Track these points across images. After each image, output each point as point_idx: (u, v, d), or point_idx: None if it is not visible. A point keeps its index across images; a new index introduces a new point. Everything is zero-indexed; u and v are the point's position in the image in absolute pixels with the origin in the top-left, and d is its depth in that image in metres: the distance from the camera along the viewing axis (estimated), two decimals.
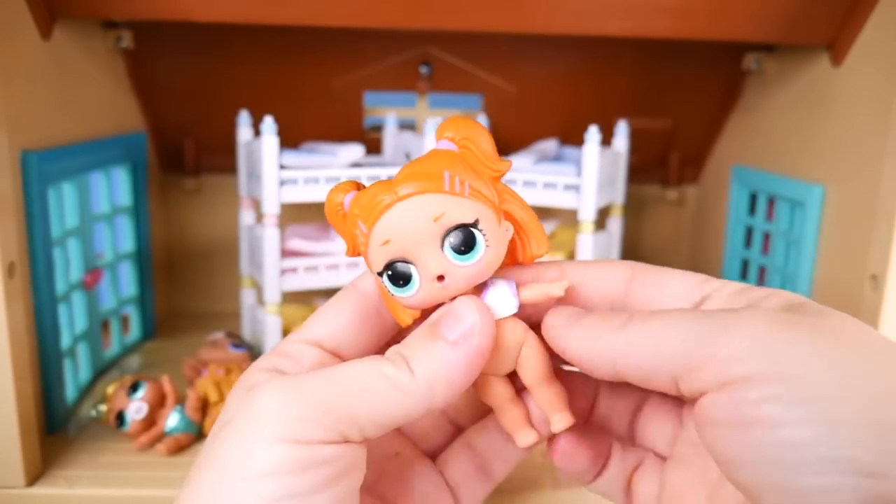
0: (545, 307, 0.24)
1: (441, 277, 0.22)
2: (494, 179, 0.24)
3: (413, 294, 0.23)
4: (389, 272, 0.23)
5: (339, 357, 0.25)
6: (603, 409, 0.28)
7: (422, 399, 0.22)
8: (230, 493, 0.20)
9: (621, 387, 0.27)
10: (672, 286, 0.24)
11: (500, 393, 0.25)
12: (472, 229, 0.22)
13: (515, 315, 0.24)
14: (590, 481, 0.28)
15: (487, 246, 0.23)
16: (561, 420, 0.25)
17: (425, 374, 0.22)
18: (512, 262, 0.25)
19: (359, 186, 0.24)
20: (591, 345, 0.22)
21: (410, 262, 0.22)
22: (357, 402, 0.21)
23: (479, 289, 0.24)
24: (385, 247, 0.22)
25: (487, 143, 0.24)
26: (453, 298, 0.23)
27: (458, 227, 0.22)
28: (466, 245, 0.22)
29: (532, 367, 0.24)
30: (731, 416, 0.19)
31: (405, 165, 0.23)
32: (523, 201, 0.25)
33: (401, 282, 0.23)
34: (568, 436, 0.26)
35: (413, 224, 0.22)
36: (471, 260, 0.22)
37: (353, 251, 0.24)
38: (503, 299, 0.24)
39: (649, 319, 0.22)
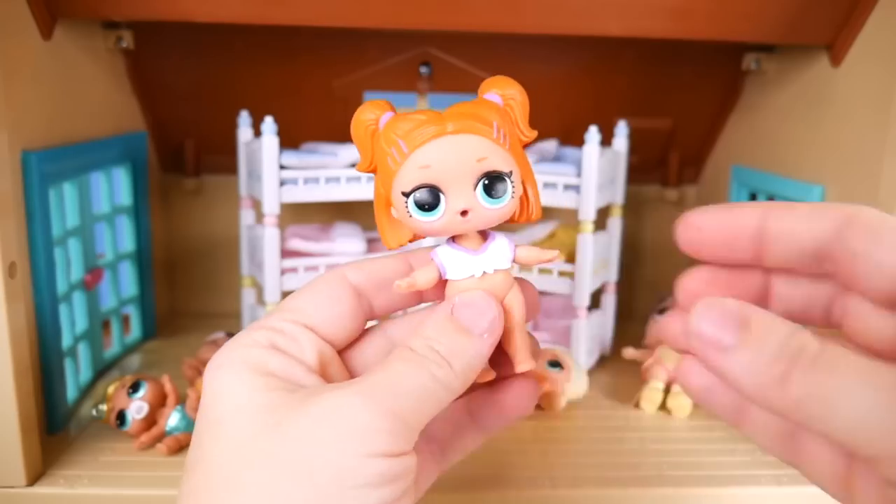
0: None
1: (465, 212, 0.24)
2: (521, 143, 0.26)
3: (436, 220, 0.24)
4: (417, 194, 0.24)
5: (332, 345, 0.25)
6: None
7: (459, 390, 0.23)
8: (327, 499, 0.21)
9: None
10: (888, 249, 0.20)
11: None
12: (506, 178, 0.24)
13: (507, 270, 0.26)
14: (732, 422, 0.25)
15: (511, 197, 0.25)
16: (526, 363, 0.27)
17: (462, 369, 0.23)
18: (510, 220, 0.27)
19: (392, 108, 0.25)
20: (750, 387, 0.20)
21: (441, 191, 0.24)
22: (422, 408, 0.23)
23: (483, 235, 0.26)
24: (423, 170, 0.24)
25: (525, 110, 0.26)
26: (450, 239, 0.26)
27: (495, 173, 0.24)
28: (497, 190, 0.24)
29: (513, 313, 0.26)
30: None
31: (454, 105, 0.24)
32: (533, 172, 0.27)
33: (425, 206, 0.24)
34: (690, 360, 0.24)
35: (458, 158, 0.24)
36: (497, 205, 0.24)
37: (369, 166, 0.25)
38: (502, 253, 0.26)
39: (821, 383, 0.19)
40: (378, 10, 0.46)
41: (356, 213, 0.64)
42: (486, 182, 0.24)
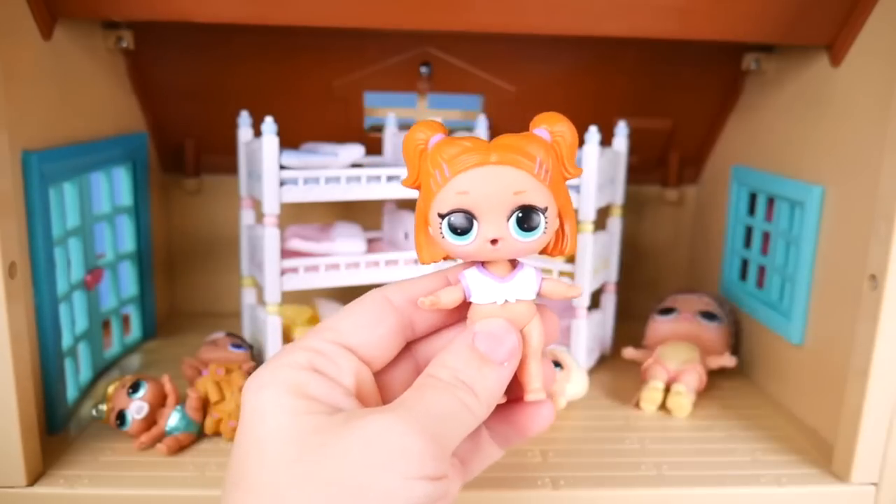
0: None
1: (495, 241, 0.25)
2: (564, 180, 0.26)
3: (466, 244, 0.25)
4: (452, 217, 0.25)
5: (369, 366, 0.26)
6: None
7: (484, 416, 0.25)
8: None
9: None
10: None
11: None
12: (541, 214, 0.25)
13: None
14: None
15: (544, 232, 0.25)
16: (537, 394, 0.27)
17: (486, 396, 0.25)
18: (542, 251, 0.27)
19: (444, 130, 0.26)
20: None
21: (475, 218, 0.25)
22: (454, 433, 0.24)
23: (513, 263, 0.26)
24: (461, 196, 0.24)
25: (573, 148, 0.26)
26: (477, 263, 0.26)
27: (530, 207, 0.25)
28: (530, 224, 0.25)
29: (530, 343, 0.27)
30: None
31: (503, 135, 0.25)
32: (573, 210, 0.27)
33: (458, 230, 0.25)
34: None
35: (496, 188, 0.24)
36: (528, 238, 0.25)
37: (414, 183, 0.26)
38: (528, 283, 0.26)
39: None
40: (378, 10, 0.46)
41: (356, 213, 0.64)
42: (520, 215, 0.25)
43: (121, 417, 0.43)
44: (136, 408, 0.43)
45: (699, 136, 0.67)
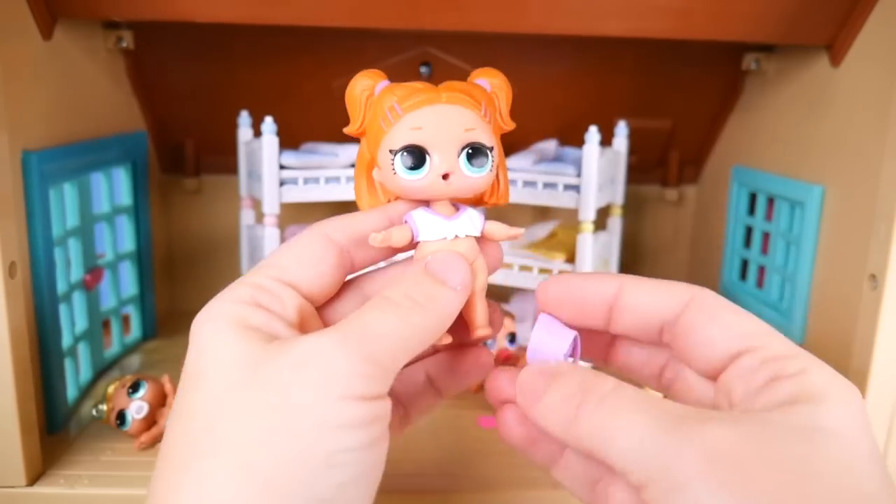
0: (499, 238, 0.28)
1: (446, 176, 0.26)
2: (500, 130, 0.28)
3: (419, 178, 0.26)
4: (405, 153, 0.26)
5: (311, 302, 0.26)
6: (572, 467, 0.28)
7: (430, 338, 0.25)
8: (307, 442, 0.21)
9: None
10: (720, 328, 0.24)
11: None
12: (488, 152, 0.26)
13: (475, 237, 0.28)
14: (546, 467, 0.28)
15: (490, 170, 0.27)
16: (483, 329, 0.28)
17: (437, 315, 0.25)
18: (476, 201, 0.29)
19: (386, 78, 0.27)
20: (553, 425, 0.24)
21: (427, 153, 0.26)
22: (396, 353, 0.23)
23: (455, 207, 0.28)
24: (414, 131, 0.26)
25: (509, 100, 0.28)
26: (423, 203, 0.27)
27: (479, 144, 0.26)
28: (479, 161, 0.26)
29: (476, 280, 0.27)
30: None
31: (448, 81, 0.27)
32: (505, 161, 0.29)
33: (411, 165, 0.26)
34: (512, 410, 0.27)
35: (449, 124, 0.26)
36: (476, 174, 0.26)
37: (358, 129, 0.27)
38: (472, 222, 0.27)
39: (606, 417, 0.22)
40: (378, 10, 0.46)
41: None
42: (470, 151, 0.26)
43: (121, 417, 0.43)
44: (136, 408, 0.43)
45: (699, 136, 0.67)
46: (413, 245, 0.27)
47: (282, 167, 0.50)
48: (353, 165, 0.53)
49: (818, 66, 0.51)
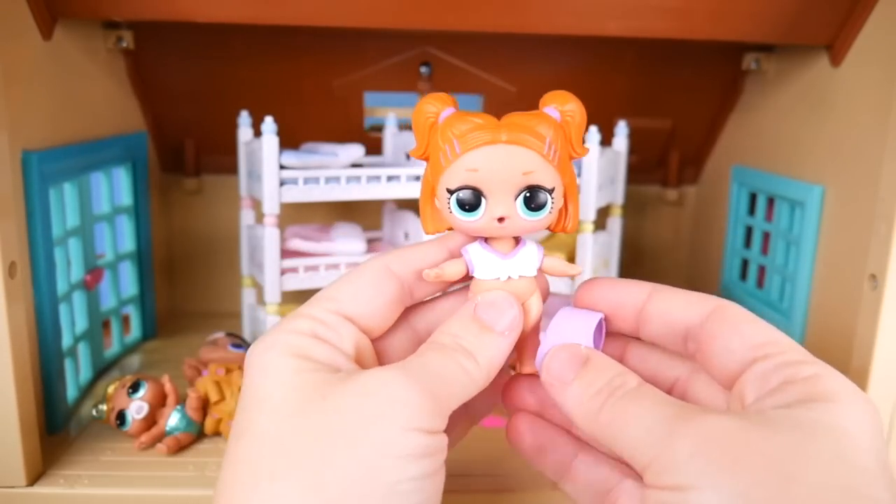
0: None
1: (502, 219, 0.25)
2: (571, 159, 0.27)
3: (473, 220, 0.25)
4: (461, 193, 0.25)
5: (368, 335, 0.26)
6: (582, 471, 0.29)
7: (483, 384, 0.25)
8: (373, 468, 0.21)
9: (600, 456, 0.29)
10: (740, 337, 0.24)
11: None
12: (548, 194, 0.25)
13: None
14: (555, 478, 0.29)
15: (550, 212, 0.26)
16: (529, 368, 0.28)
17: (486, 363, 0.25)
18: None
19: (455, 103, 0.26)
20: (577, 415, 0.25)
21: (483, 195, 0.25)
22: (453, 393, 0.24)
23: (516, 240, 0.27)
24: (470, 173, 0.25)
25: (582, 128, 0.27)
26: (483, 239, 0.27)
27: (538, 187, 0.25)
28: (537, 204, 0.25)
29: (528, 318, 0.27)
30: None
31: (512, 113, 0.26)
32: (576, 188, 0.28)
33: (466, 207, 0.25)
34: (524, 417, 0.29)
35: (505, 167, 0.25)
36: (534, 218, 0.26)
37: (424, 155, 0.27)
38: (530, 260, 0.27)
39: (624, 410, 0.23)
40: (378, 10, 0.46)
41: (356, 213, 0.64)
42: (528, 195, 0.25)
43: (121, 417, 0.43)
44: (136, 408, 0.43)
45: (699, 136, 0.67)
46: (469, 277, 0.27)
47: (282, 167, 0.50)
48: (352, 165, 0.53)
49: (818, 66, 0.51)
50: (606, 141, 0.54)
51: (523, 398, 0.29)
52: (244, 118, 0.56)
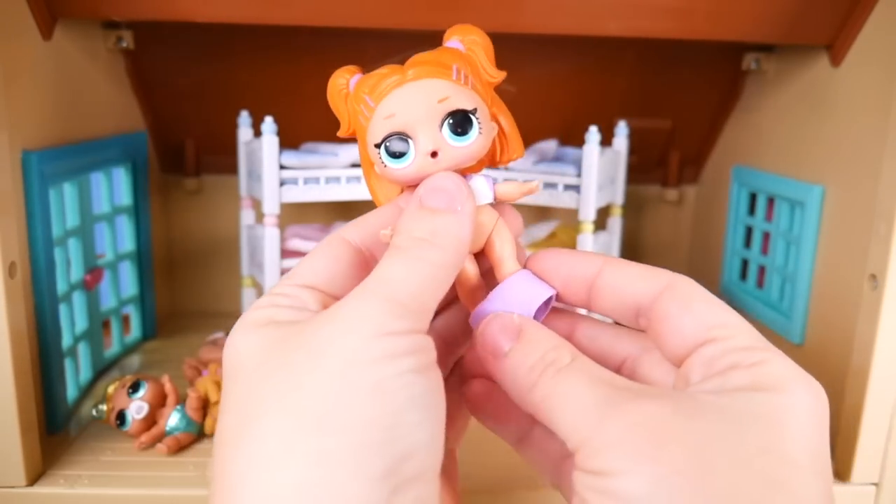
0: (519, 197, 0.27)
1: (434, 153, 0.25)
2: (489, 85, 0.26)
3: (407, 166, 0.25)
4: (387, 143, 0.25)
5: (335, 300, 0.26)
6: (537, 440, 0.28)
7: (454, 266, 0.24)
8: (349, 377, 0.21)
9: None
10: (691, 317, 0.24)
11: (467, 268, 0.28)
12: (471, 115, 0.25)
13: (490, 205, 0.27)
14: (514, 445, 0.29)
15: (480, 133, 0.25)
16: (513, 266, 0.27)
17: (449, 243, 0.24)
18: (490, 162, 0.27)
19: (361, 71, 0.26)
20: (512, 388, 0.24)
21: (409, 137, 0.25)
22: (421, 292, 0.23)
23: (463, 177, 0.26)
24: (389, 119, 0.25)
25: (489, 52, 0.26)
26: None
27: (458, 111, 0.25)
28: (463, 128, 0.25)
29: (501, 246, 0.27)
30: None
31: (415, 55, 0.26)
32: (508, 111, 0.27)
33: (397, 154, 0.25)
34: (482, 384, 0.28)
35: (419, 102, 0.25)
36: (465, 142, 0.25)
37: (348, 129, 0.26)
38: (481, 189, 0.26)
39: (559, 386, 0.23)
40: (378, 10, 0.46)
41: (356, 213, 0.64)
42: (451, 121, 0.25)
43: (121, 417, 0.43)
44: (136, 408, 0.43)
45: (699, 136, 0.67)
46: None
47: (282, 167, 0.50)
48: (353, 165, 0.53)
49: (818, 66, 0.51)
50: (606, 141, 0.54)
51: (482, 364, 0.27)
52: (244, 118, 0.56)
